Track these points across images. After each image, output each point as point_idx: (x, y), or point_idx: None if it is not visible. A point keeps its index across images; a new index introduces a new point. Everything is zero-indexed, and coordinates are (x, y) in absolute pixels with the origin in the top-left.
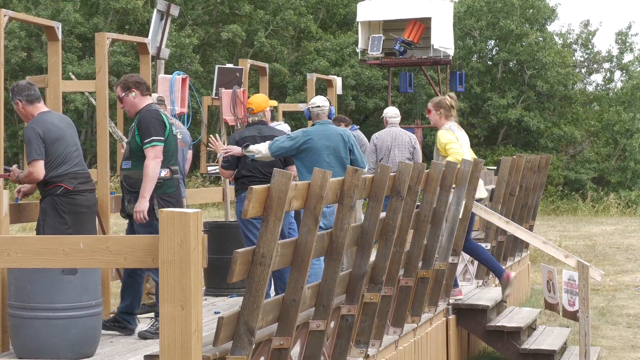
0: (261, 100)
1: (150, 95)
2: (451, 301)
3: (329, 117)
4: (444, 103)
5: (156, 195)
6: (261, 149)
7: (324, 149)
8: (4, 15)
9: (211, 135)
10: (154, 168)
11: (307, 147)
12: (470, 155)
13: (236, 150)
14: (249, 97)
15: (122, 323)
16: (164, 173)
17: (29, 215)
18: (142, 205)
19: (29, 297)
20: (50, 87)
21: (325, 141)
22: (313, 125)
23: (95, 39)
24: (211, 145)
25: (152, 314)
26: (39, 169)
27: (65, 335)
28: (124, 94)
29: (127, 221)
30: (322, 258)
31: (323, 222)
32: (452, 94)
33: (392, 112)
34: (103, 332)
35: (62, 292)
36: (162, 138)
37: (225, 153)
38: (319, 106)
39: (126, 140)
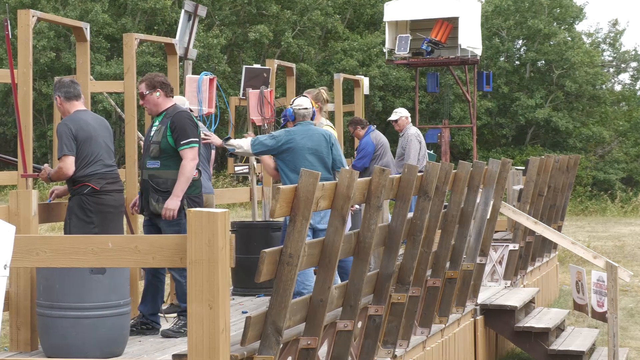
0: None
1: (173, 97)
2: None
3: (311, 119)
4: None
5: (186, 196)
6: (242, 144)
7: (305, 149)
8: (32, 16)
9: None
10: (191, 169)
11: (289, 147)
12: None
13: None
14: (276, 97)
15: (150, 324)
16: (194, 174)
17: (57, 214)
18: (174, 204)
19: (58, 296)
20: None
21: (307, 141)
22: (295, 125)
23: (124, 39)
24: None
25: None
26: (69, 165)
27: (93, 335)
28: (148, 92)
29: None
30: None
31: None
32: (325, 88)
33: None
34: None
35: (91, 292)
36: (198, 139)
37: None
38: (305, 108)
39: (141, 137)
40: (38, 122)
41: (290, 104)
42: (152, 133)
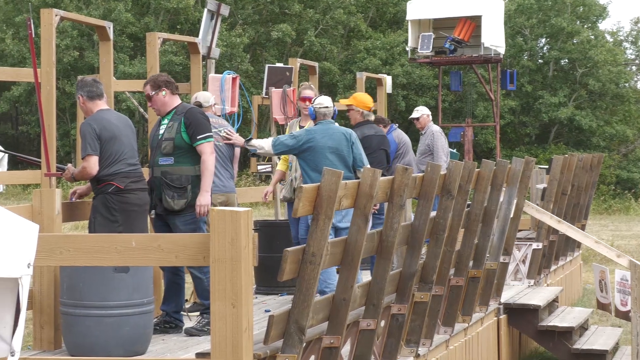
0: (369, 99)
1: (179, 94)
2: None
3: (332, 118)
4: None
5: (194, 192)
6: (264, 145)
7: (326, 148)
8: (56, 15)
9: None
10: (213, 162)
11: (310, 146)
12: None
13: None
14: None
15: (173, 322)
16: None
17: (81, 213)
18: (206, 200)
19: (82, 295)
20: (102, 86)
21: (328, 140)
22: (316, 124)
23: (147, 38)
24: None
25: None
26: (93, 164)
27: (117, 333)
28: (154, 92)
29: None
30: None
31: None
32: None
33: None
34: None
35: (114, 290)
36: (212, 134)
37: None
38: (326, 107)
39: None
40: (61, 121)
41: (312, 103)
42: (161, 131)
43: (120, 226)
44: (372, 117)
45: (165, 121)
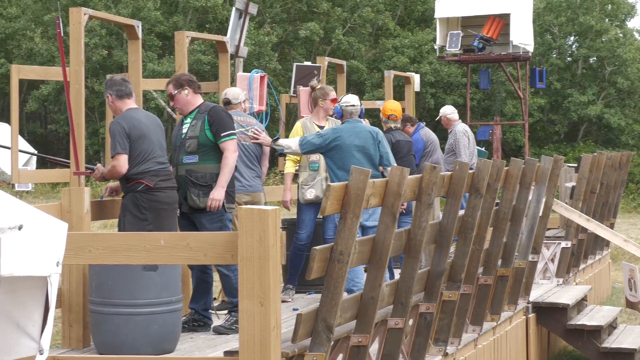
0: (388, 107)
1: (201, 94)
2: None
3: (360, 116)
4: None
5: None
6: (291, 144)
7: (353, 146)
8: (84, 14)
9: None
10: (234, 160)
11: (336, 145)
12: None
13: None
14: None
15: (201, 321)
16: None
17: (109, 212)
18: (220, 194)
19: (110, 293)
20: (131, 85)
21: (354, 139)
22: (343, 123)
23: (175, 37)
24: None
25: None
26: (122, 163)
27: (145, 332)
28: (176, 91)
29: None
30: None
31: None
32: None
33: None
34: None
35: (143, 289)
36: (236, 132)
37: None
38: (353, 105)
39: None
40: (90, 120)
41: (338, 102)
42: (184, 130)
43: (149, 224)
44: (392, 125)
45: (188, 120)
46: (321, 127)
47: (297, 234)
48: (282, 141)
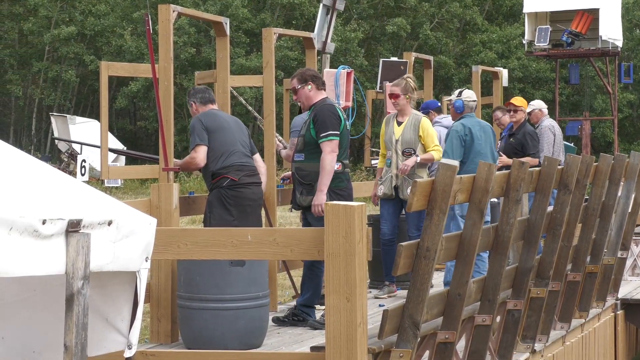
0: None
1: (325, 90)
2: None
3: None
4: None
5: (329, 189)
6: (450, 161)
7: (482, 139)
8: (173, 11)
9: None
10: (330, 162)
11: (468, 139)
12: None
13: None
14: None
15: (300, 316)
16: (337, 167)
17: (198, 207)
18: (321, 199)
19: (199, 288)
20: (219, 81)
21: (482, 133)
22: (462, 117)
23: (263, 34)
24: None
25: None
26: (201, 154)
27: (233, 326)
28: (300, 85)
29: (291, 214)
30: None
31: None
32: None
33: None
34: (273, 324)
35: (231, 284)
36: (338, 132)
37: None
38: (474, 100)
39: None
40: (179, 116)
41: (458, 96)
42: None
43: (235, 220)
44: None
45: (306, 117)
46: (399, 123)
47: (380, 229)
48: (445, 161)
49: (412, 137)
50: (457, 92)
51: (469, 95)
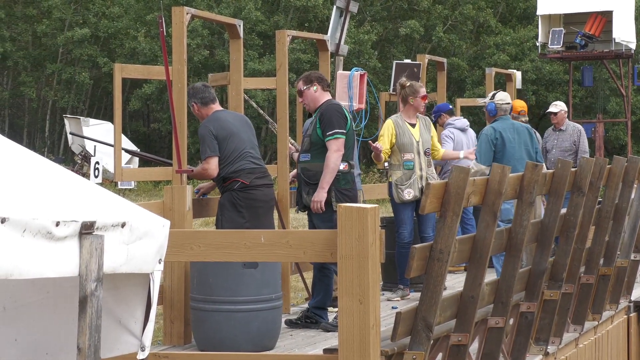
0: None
1: (330, 92)
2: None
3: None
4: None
5: (334, 189)
6: (476, 167)
7: (515, 142)
8: (187, 13)
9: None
10: (335, 160)
11: (499, 143)
12: None
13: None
14: (427, 92)
15: (313, 318)
16: (343, 166)
17: (211, 210)
18: (321, 196)
19: (212, 290)
20: (232, 84)
21: (515, 135)
22: (496, 120)
23: (276, 36)
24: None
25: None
26: (213, 166)
27: (246, 328)
28: (305, 87)
29: (305, 216)
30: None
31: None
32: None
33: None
34: (286, 327)
35: (244, 286)
36: (344, 131)
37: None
38: (507, 103)
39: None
40: (192, 119)
41: (490, 98)
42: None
43: (247, 222)
44: (523, 119)
45: (312, 118)
46: (412, 125)
47: (398, 233)
48: (473, 165)
49: (427, 137)
50: (490, 94)
51: (502, 97)
